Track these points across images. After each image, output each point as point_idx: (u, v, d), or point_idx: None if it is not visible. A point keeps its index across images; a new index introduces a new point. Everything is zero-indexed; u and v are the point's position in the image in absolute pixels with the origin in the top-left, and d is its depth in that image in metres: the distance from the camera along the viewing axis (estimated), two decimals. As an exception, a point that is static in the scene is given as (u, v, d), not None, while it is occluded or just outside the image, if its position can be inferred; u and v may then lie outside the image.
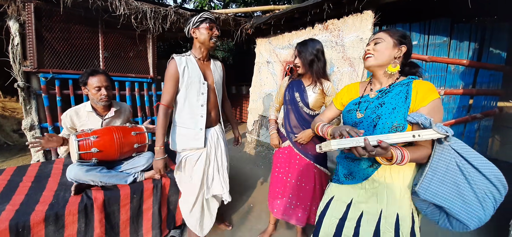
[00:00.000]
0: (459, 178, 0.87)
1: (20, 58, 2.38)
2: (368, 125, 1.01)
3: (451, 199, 0.88)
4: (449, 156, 0.87)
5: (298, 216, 1.69)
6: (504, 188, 0.87)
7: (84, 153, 1.59)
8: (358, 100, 1.10)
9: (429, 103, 0.91)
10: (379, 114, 0.98)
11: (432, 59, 2.62)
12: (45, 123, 2.62)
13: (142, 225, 1.79)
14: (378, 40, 1.01)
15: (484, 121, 2.64)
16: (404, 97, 0.95)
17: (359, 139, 0.79)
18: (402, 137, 0.81)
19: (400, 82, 1.00)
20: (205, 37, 1.48)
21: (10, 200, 1.56)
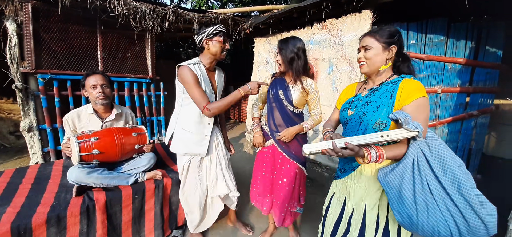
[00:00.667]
0: (407, 174, 0.89)
1: (17, 59, 2.36)
2: (355, 123, 1.07)
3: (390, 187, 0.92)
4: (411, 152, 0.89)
5: (265, 202, 1.74)
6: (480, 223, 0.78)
7: (85, 155, 1.58)
8: (352, 99, 1.16)
9: (413, 101, 0.91)
10: (364, 111, 1.03)
11: (429, 57, 2.64)
12: (43, 125, 2.59)
13: (144, 226, 1.79)
14: (367, 47, 1.03)
15: (480, 119, 2.68)
16: (390, 95, 0.98)
17: (328, 142, 0.85)
18: (369, 139, 0.83)
19: (389, 82, 1.03)
20: (217, 49, 1.53)
21: (10, 203, 1.54)
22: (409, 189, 0.87)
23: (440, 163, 0.86)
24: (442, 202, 0.83)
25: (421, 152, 0.88)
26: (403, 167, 0.90)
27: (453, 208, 0.81)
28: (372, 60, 1.03)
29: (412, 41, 2.66)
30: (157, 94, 3.48)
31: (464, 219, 0.80)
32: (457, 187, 0.82)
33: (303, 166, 1.67)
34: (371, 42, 1.02)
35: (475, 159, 2.78)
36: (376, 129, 0.98)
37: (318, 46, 3.05)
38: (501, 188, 2.77)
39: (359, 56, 1.06)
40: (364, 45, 1.04)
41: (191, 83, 1.46)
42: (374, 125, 0.99)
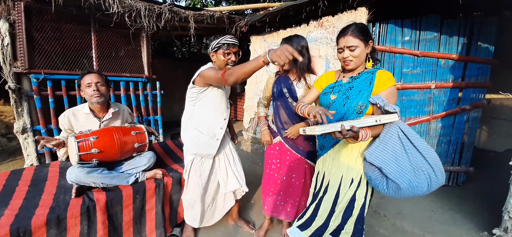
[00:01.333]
0: (397, 147, 1.07)
1: (10, 59, 2.30)
2: (338, 105, 1.22)
3: (388, 162, 1.07)
4: (393, 130, 1.08)
5: (287, 211, 1.74)
6: (441, 174, 1.05)
7: (84, 154, 1.57)
8: (333, 84, 1.30)
9: (387, 88, 1.13)
10: (348, 95, 1.20)
11: (423, 54, 2.70)
12: (37, 126, 2.54)
13: (145, 225, 1.78)
14: (352, 47, 1.15)
15: (473, 113, 2.75)
16: (369, 82, 1.16)
17: (337, 125, 0.98)
18: (367, 122, 1.02)
19: (367, 71, 1.20)
20: (221, 62, 1.55)
21: (8, 205, 1.52)
22: (405, 159, 1.06)
23: (415, 137, 1.08)
24: (422, 164, 1.06)
25: (399, 128, 1.08)
26: (393, 144, 1.08)
27: (428, 167, 1.05)
28: (358, 58, 1.17)
29: (406, 38, 2.71)
30: (153, 93, 3.45)
31: (435, 174, 1.05)
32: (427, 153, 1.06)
33: (311, 161, 1.69)
34: (356, 42, 1.14)
35: (468, 152, 2.86)
36: (358, 110, 1.16)
37: (314, 43, 3.08)
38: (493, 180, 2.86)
39: (345, 55, 1.18)
40: (348, 45, 1.15)
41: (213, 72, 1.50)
42: (356, 107, 1.16)
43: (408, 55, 2.73)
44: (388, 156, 1.08)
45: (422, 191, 1.06)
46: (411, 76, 2.77)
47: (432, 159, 1.06)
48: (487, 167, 3.24)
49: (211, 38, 1.56)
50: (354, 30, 1.15)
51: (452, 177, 2.93)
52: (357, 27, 1.16)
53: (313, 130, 0.99)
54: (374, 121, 1.01)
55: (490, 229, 2.00)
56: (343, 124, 0.97)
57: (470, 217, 2.31)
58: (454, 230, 2.15)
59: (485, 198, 2.60)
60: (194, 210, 1.77)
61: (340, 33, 1.20)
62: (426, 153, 1.06)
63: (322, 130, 0.97)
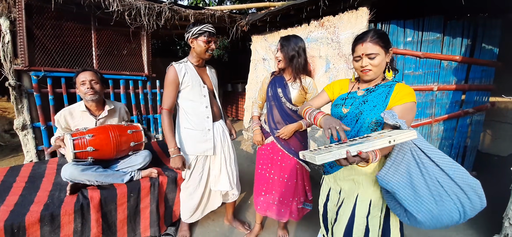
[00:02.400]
0: (413, 168, 0.90)
1: (10, 56, 2.32)
2: (351, 120, 1.09)
3: (401, 186, 0.91)
4: (406, 147, 0.92)
5: (280, 212, 1.72)
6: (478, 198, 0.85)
7: (80, 152, 1.57)
8: (346, 95, 1.17)
9: (404, 104, 0.99)
10: (361, 110, 1.07)
11: (425, 55, 2.64)
12: (37, 123, 2.56)
13: (140, 224, 1.78)
14: (372, 55, 1.01)
15: (476, 116, 2.70)
16: (385, 96, 1.03)
17: (342, 152, 0.81)
18: (380, 145, 0.83)
19: (385, 84, 1.07)
20: (202, 49, 1.56)
21: (3, 201, 1.53)
22: (421, 183, 0.88)
23: (434, 152, 0.90)
24: (449, 187, 0.86)
25: (415, 145, 0.91)
26: (407, 163, 0.91)
27: (458, 190, 0.86)
28: (379, 67, 1.03)
29: (408, 38, 2.66)
30: (153, 92, 3.46)
31: (467, 197, 0.85)
32: (454, 170, 0.87)
33: (304, 162, 1.68)
34: (376, 49, 1.01)
35: (470, 156, 2.80)
36: (372, 127, 1.03)
37: (315, 43, 3.05)
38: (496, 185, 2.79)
39: (364, 64, 1.04)
40: (368, 52, 1.02)
41: (167, 82, 1.58)
42: (370, 124, 1.03)
43: (410, 56, 2.68)
44: (402, 179, 0.91)
45: (453, 221, 0.86)
46: (413, 78, 2.72)
47: (462, 178, 0.86)
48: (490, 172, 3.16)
49: (190, 25, 1.54)
50: (374, 36, 1.01)
51: (454, 181, 2.88)
52: (377, 32, 1.02)
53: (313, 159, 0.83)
54: (387, 143, 0.83)
55: (491, 235, 1.95)
56: (349, 150, 0.80)
57: (470, 223, 2.26)
58: (454, 235, 2.11)
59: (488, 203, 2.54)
60: (192, 201, 1.75)
61: (357, 40, 1.06)
62: (453, 171, 0.86)
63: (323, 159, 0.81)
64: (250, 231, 1.96)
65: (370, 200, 1.07)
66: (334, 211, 1.21)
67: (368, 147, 0.82)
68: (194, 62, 1.64)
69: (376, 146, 0.83)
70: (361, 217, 1.08)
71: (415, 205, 0.89)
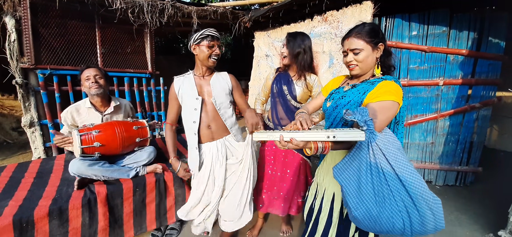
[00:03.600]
0: (364, 167, 0.88)
1: (17, 54, 2.36)
2: (329, 114, 1.12)
3: (348, 181, 0.91)
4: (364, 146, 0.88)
5: (281, 206, 1.74)
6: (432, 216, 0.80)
7: (87, 148, 1.60)
8: (333, 91, 1.17)
9: (379, 101, 0.92)
10: (338, 104, 1.07)
11: (431, 49, 2.61)
12: (44, 120, 2.61)
13: (145, 218, 1.81)
14: (356, 50, 0.99)
15: (483, 111, 2.66)
16: (363, 92, 0.99)
17: (276, 135, 0.86)
18: (315, 137, 0.84)
19: (369, 81, 1.03)
20: (205, 55, 1.44)
21: (12, 196, 1.57)
22: (367, 180, 0.86)
23: (396, 157, 0.87)
24: (397, 192, 0.83)
25: (376, 145, 0.88)
26: (359, 161, 0.89)
27: (407, 198, 0.82)
28: (364, 62, 1.00)
29: (414, 32, 2.63)
30: (157, 89, 3.48)
31: (416, 209, 0.81)
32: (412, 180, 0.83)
33: (307, 158, 1.69)
34: (360, 44, 0.98)
35: (477, 151, 2.76)
36: (343, 121, 1.03)
37: (318, 38, 3.03)
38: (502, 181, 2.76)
39: (348, 59, 1.02)
40: (352, 48, 0.99)
41: (169, 97, 1.58)
42: (341, 118, 1.04)
43: (415, 51, 2.65)
44: (351, 174, 0.91)
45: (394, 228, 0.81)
46: (418, 72, 2.69)
47: (417, 189, 0.82)
48: (497, 168, 3.13)
49: (192, 32, 1.48)
50: (359, 30, 0.98)
51: (460, 178, 2.85)
52: (364, 27, 0.99)
53: (257, 136, 0.89)
54: (326, 137, 0.83)
55: (496, 230, 1.94)
56: (282, 134, 0.84)
57: (476, 218, 2.25)
58: (459, 231, 2.10)
59: (493, 199, 2.52)
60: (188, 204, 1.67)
61: (345, 35, 1.05)
62: (410, 181, 0.83)
63: (259, 137, 0.88)
64: (254, 226, 1.98)
65: (333, 192, 1.10)
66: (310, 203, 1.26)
67: (302, 137, 0.84)
68: (196, 72, 1.55)
69: (310, 138, 0.85)
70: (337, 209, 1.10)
71: (355, 200, 0.87)
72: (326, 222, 1.13)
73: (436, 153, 2.81)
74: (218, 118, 1.55)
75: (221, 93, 1.53)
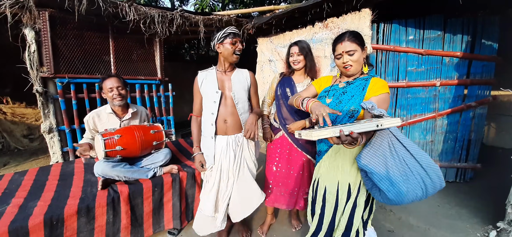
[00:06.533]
0: (387, 153, 1.04)
1: (37, 64, 2.50)
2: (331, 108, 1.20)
3: (377, 168, 1.05)
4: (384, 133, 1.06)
5: (287, 202, 1.86)
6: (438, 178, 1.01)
7: (110, 151, 1.72)
8: (329, 88, 1.32)
9: (379, 95, 1.13)
10: (341, 99, 1.21)
11: (427, 52, 2.75)
12: (62, 126, 2.74)
13: (163, 216, 1.92)
14: (351, 51, 1.17)
15: (479, 109, 2.78)
16: (362, 88, 1.18)
17: (336, 130, 0.89)
18: (369, 127, 0.92)
19: (362, 77, 1.22)
20: (229, 51, 1.54)
21: (40, 197, 1.68)
22: (393, 164, 1.03)
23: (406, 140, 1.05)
24: (415, 169, 1.02)
25: (390, 133, 1.06)
26: (383, 148, 1.05)
27: (421, 171, 1.02)
28: (357, 62, 1.19)
29: (410, 37, 2.77)
30: (166, 95, 3.62)
31: (429, 177, 1.01)
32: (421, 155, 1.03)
33: (311, 156, 1.80)
34: (354, 46, 1.17)
35: (475, 149, 2.88)
36: (349, 114, 1.17)
37: (319, 44, 3.17)
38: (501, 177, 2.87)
39: (345, 60, 1.19)
40: (347, 50, 1.18)
41: (193, 90, 1.67)
42: (348, 112, 1.18)
43: (412, 54, 2.79)
44: (378, 161, 1.04)
45: (417, 197, 1.01)
46: (416, 74, 2.83)
47: (426, 161, 1.02)
48: (495, 164, 3.24)
49: (214, 32, 1.59)
50: (350, 35, 1.18)
51: (459, 174, 2.96)
52: (352, 33, 1.19)
53: (310, 135, 0.89)
54: (375, 126, 0.91)
55: (495, 223, 2.04)
56: (342, 129, 0.89)
57: (475, 212, 2.35)
58: (459, 224, 2.20)
59: (492, 193, 2.62)
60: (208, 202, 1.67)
61: (336, 41, 1.22)
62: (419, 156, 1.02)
63: (319, 135, 0.88)
64: (263, 222, 2.09)
65: (349, 183, 1.21)
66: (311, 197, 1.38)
67: (359, 129, 0.91)
68: (219, 68, 1.64)
69: (365, 129, 0.93)
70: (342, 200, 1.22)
71: (386, 184, 1.03)
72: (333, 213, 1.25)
73: (435, 151, 2.93)
74: (235, 113, 1.62)
75: (240, 89, 1.62)
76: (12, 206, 1.56)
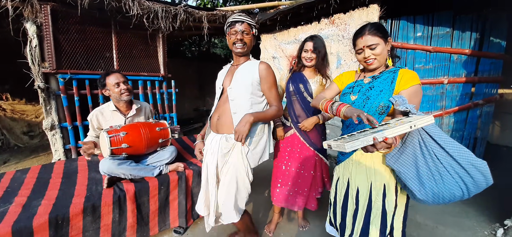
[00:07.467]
0: (418, 151, 0.97)
1: (38, 59, 2.44)
2: (358, 105, 1.15)
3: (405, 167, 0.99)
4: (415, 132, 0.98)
5: (295, 201, 1.82)
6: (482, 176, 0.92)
7: (116, 149, 1.68)
8: (353, 84, 1.24)
9: (410, 87, 1.05)
10: (368, 95, 1.13)
11: (435, 49, 2.72)
12: (64, 123, 2.69)
13: (169, 215, 1.89)
14: (372, 46, 1.10)
15: (486, 108, 2.76)
16: (390, 81, 1.10)
17: (369, 139, 0.83)
18: (402, 130, 0.86)
19: (389, 70, 1.15)
20: (230, 43, 1.41)
21: (44, 196, 1.63)
22: (423, 163, 0.96)
23: (442, 136, 0.96)
24: (451, 167, 0.94)
25: (422, 129, 0.98)
26: (412, 147, 0.98)
27: (460, 169, 0.93)
28: (381, 55, 1.12)
29: (418, 33, 2.74)
30: (169, 92, 3.57)
31: (470, 176, 0.93)
32: (459, 153, 0.94)
33: (323, 155, 1.77)
34: (375, 39, 1.10)
35: (481, 147, 2.87)
36: (379, 111, 1.10)
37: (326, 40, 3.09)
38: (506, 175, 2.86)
39: (367, 55, 1.12)
40: (368, 44, 1.11)
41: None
42: (377, 108, 1.10)
43: (420, 51, 2.76)
44: (407, 160, 0.98)
45: (456, 197, 0.94)
46: (424, 72, 2.80)
47: (467, 159, 0.93)
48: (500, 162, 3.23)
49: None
50: (371, 28, 1.10)
51: (464, 172, 2.94)
52: (374, 25, 1.11)
53: (342, 146, 0.82)
54: (409, 128, 0.85)
55: (502, 220, 2.03)
56: (375, 136, 0.83)
57: (482, 210, 2.33)
58: (466, 222, 2.18)
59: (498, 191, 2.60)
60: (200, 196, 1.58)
61: (357, 35, 1.16)
62: (458, 153, 0.93)
63: (352, 146, 0.82)
64: (270, 221, 2.06)
65: (383, 184, 1.13)
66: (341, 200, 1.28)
67: (392, 133, 0.84)
68: (233, 61, 1.53)
69: (399, 132, 0.85)
70: (377, 201, 1.14)
71: (416, 184, 0.97)
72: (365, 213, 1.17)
73: (441, 149, 2.91)
74: (227, 110, 1.42)
75: (239, 84, 1.40)
76: (16, 205, 1.51)
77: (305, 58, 1.70)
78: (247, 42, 1.39)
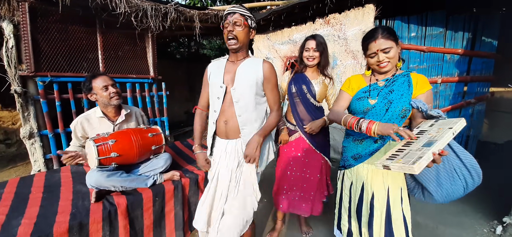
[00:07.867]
0: None
1: (15, 61, 2.23)
2: (380, 109, 1.17)
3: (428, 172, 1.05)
4: None
5: (302, 207, 1.75)
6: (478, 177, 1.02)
7: (104, 159, 1.53)
8: (367, 88, 1.24)
9: (426, 91, 1.13)
10: (390, 99, 1.15)
11: (429, 49, 2.74)
12: (45, 130, 2.47)
13: (165, 228, 1.76)
14: (387, 49, 1.12)
15: (478, 106, 2.82)
16: (407, 85, 1.14)
17: (429, 155, 0.82)
18: (447, 138, 0.88)
19: (401, 74, 1.18)
20: (225, 37, 1.29)
21: (24, 214, 1.47)
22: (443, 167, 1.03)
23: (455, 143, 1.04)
24: (459, 169, 1.02)
25: None
26: None
27: (465, 171, 1.02)
28: (394, 59, 1.14)
29: (413, 33, 2.75)
30: (159, 95, 3.40)
31: (471, 177, 1.02)
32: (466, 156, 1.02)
33: (327, 158, 1.72)
34: (390, 43, 1.11)
35: (472, 144, 2.92)
36: (402, 115, 1.13)
37: (321, 41, 3.09)
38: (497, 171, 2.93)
39: (381, 58, 1.13)
40: (383, 48, 1.12)
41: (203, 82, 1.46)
42: (400, 112, 1.13)
43: (414, 51, 2.78)
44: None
45: (459, 195, 1.03)
46: (418, 71, 2.77)
47: (470, 162, 1.01)
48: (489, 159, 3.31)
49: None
50: (384, 32, 1.11)
51: (457, 170, 2.99)
52: (386, 29, 1.13)
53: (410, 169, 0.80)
54: (452, 134, 0.87)
55: (499, 217, 2.05)
56: (434, 151, 0.83)
57: (477, 208, 2.37)
58: (466, 220, 2.20)
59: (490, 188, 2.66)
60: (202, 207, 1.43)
61: (369, 38, 1.15)
62: (464, 156, 1.02)
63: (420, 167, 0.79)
64: (273, 229, 1.97)
65: (400, 187, 1.16)
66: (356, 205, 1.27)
67: (444, 143, 0.86)
68: (230, 57, 1.38)
69: (447, 141, 0.87)
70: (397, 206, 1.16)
71: (434, 185, 1.04)
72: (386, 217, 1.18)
73: (436, 148, 2.95)
74: (234, 115, 1.32)
75: (243, 83, 1.29)
76: (-7, 226, 1.34)
77: (307, 57, 1.63)
78: (237, 34, 1.23)
